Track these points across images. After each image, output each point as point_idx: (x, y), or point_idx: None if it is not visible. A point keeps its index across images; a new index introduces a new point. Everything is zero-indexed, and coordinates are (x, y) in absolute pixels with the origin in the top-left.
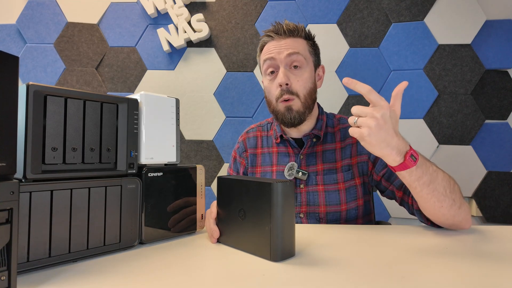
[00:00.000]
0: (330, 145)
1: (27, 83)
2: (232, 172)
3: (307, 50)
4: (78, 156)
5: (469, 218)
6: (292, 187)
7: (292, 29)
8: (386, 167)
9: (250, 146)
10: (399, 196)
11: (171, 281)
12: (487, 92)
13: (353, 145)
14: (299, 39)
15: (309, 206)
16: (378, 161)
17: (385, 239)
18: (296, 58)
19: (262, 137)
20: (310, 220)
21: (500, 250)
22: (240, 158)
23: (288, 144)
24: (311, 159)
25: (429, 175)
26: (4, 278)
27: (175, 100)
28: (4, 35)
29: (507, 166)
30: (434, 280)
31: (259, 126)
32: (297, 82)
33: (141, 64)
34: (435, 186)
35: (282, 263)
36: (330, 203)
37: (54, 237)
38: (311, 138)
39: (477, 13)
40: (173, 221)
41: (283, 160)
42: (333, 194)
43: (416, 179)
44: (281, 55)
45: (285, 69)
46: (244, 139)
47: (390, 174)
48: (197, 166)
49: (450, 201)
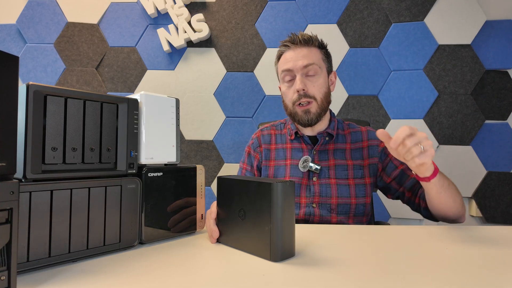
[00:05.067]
0: (341, 145)
1: (27, 83)
2: (246, 166)
3: (321, 58)
4: (78, 156)
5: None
6: (293, 187)
7: (307, 39)
8: (397, 169)
9: (265, 142)
10: (408, 196)
11: (171, 281)
12: (487, 92)
13: (364, 149)
14: (314, 49)
15: (321, 197)
16: (388, 164)
17: (385, 239)
18: (311, 68)
19: (276, 135)
20: (322, 210)
21: (500, 250)
22: (254, 152)
23: (302, 140)
24: (323, 155)
25: (444, 178)
26: (4, 278)
27: (175, 100)
28: (4, 35)
29: (507, 166)
30: (434, 280)
31: (272, 126)
32: (313, 87)
33: (141, 64)
34: (451, 187)
35: (282, 263)
36: (342, 195)
37: (54, 237)
38: (325, 136)
39: (477, 14)
40: (173, 221)
41: (297, 155)
42: (344, 188)
43: (442, 183)
44: (297, 66)
45: (302, 77)
46: (259, 136)
47: (401, 177)
48: (197, 166)
49: (459, 197)
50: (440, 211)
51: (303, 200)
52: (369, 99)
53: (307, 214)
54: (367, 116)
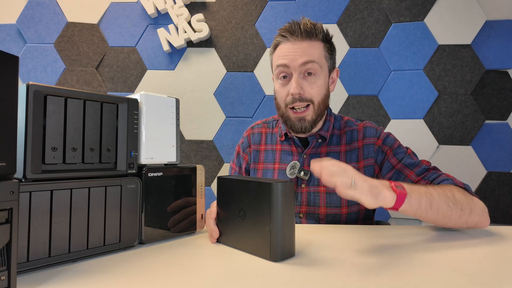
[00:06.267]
0: (335, 147)
1: (27, 83)
2: (235, 166)
3: (323, 55)
4: (78, 156)
5: (485, 218)
6: (292, 187)
7: (310, 30)
8: (393, 169)
9: (254, 142)
10: None
11: (171, 281)
12: (487, 92)
13: (360, 149)
14: (316, 42)
15: (309, 207)
16: (385, 163)
17: (385, 239)
18: (311, 66)
19: (267, 134)
20: (310, 220)
21: (500, 250)
22: (243, 153)
23: (292, 142)
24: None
25: (424, 196)
26: (4, 278)
27: (175, 100)
28: (4, 35)
29: (507, 166)
30: (434, 280)
31: (264, 123)
32: (311, 89)
33: (141, 64)
34: (437, 205)
35: (282, 263)
36: (331, 205)
37: (54, 237)
38: (317, 139)
39: (477, 14)
40: (173, 221)
41: (286, 158)
42: (335, 196)
43: (417, 206)
44: (295, 62)
45: (299, 77)
46: (249, 135)
47: (398, 176)
48: (197, 166)
49: (458, 212)
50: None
51: None
52: (369, 99)
53: None
54: (367, 116)
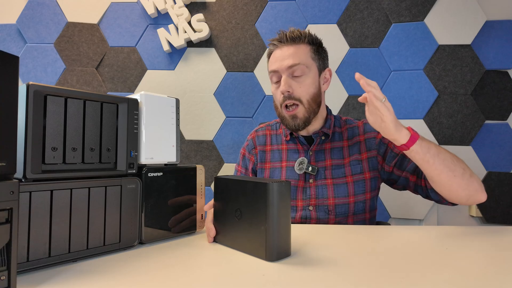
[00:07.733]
0: (338, 143)
1: (27, 83)
2: (240, 169)
3: (310, 56)
4: (78, 156)
5: (483, 190)
6: (289, 187)
7: (295, 36)
8: (397, 156)
9: (260, 144)
10: (413, 180)
11: (171, 281)
12: (487, 92)
13: (361, 143)
14: (302, 45)
15: (318, 199)
16: (388, 152)
17: (385, 239)
18: (297, 68)
19: (271, 135)
20: (319, 212)
21: (500, 250)
22: (249, 154)
23: (297, 141)
24: (320, 155)
25: (434, 146)
26: (4, 278)
27: (175, 100)
28: (4, 35)
29: (507, 166)
30: (434, 280)
31: (268, 126)
32: (299, 88)
33: (141, 64)
34: (444, 156)
35: (282, 263)
36: (339, 195)
37: (54, 237)
38: (320, 136)
39: (477, 14)
40: (173, 221)
41: (293, 156)
42: (342, 187)
43: (427, 150)
44: (283, 66)
45: (287, 78)
46: (254, 137)
47: (402, 161)
48: (197, 166)
49: (460, 169)
50: (443, 186)
51: (299, 203)
52: None
53: (303, 217)
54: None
